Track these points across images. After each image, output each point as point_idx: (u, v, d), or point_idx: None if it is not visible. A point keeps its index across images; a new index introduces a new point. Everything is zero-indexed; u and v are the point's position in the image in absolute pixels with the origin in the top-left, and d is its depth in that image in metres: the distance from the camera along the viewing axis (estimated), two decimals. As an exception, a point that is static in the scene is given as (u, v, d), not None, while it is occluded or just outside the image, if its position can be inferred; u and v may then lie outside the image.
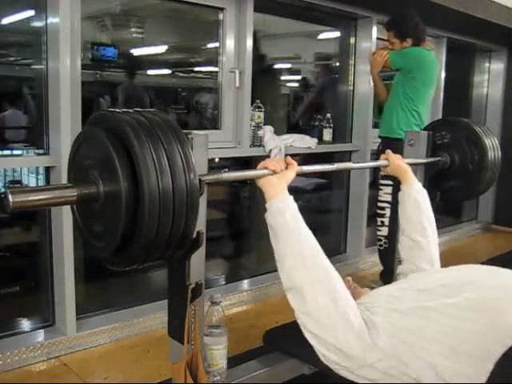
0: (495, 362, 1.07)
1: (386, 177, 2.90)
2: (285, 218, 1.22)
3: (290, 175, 1.36)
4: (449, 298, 1.16)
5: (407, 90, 2.96)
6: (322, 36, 4.01)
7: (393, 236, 2.91)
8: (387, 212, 2.96)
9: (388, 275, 3.05)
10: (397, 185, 2.85)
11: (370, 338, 1.11)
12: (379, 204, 3.01)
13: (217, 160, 2.99)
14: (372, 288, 1.48)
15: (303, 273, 1.15)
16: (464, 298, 1.14)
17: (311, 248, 1.19)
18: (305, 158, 3.28)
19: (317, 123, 3.56)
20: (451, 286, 1.21)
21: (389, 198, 2.94)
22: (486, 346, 1.09)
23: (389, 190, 2.93)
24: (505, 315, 1.11)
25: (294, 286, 1.16)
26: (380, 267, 3.21)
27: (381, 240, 3.01)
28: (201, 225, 1.24)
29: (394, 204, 2.85)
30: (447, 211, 4.78)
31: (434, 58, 3.08)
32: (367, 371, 1.13)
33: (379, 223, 3.00)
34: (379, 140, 3.18)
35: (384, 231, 2.98)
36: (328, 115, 3.39)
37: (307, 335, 1.15)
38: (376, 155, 3.07)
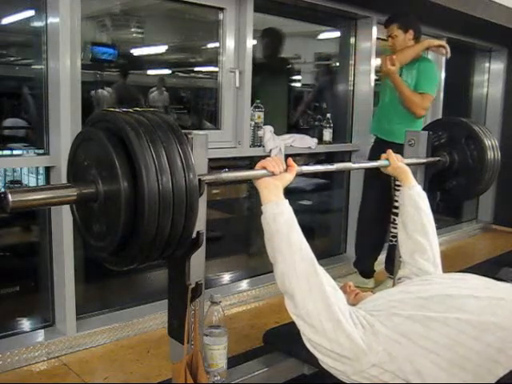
0: (496, 380, 1.07)
1: None
2: (278, 223, 1.21)
3: (288, 178, 1.35)
4: (454, 310, 1.15)
5: None
6: (322, 36, 4.01)
7: None
8: None
9: None
10: None
11: (366, 342, 1.11)
12: (397, 204, 3.06)
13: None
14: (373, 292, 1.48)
15: (294, 280, 1.16)
16: (469, 313, 1.14)
17: (303, 255, 1.19)
18: (305, 158, 3.29)
19: (317, 123, 3.56)
20: (456, 298, 1.21)
21: None
22: (485, 364, 1.10)
23: None
24: (507, 337, 1.11)
25: (287, 291, 1.17)
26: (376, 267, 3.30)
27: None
28: (201, 225, 1.24)
29: None
30: (447, 211, 4.78)
31: None
32: (360, 377, 1.13)
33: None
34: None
35: None
36: (328, 115, 3.39)
37: (303, 338, 1.16)
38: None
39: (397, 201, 3.01)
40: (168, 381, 1.58)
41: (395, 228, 3.05)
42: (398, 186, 2.97)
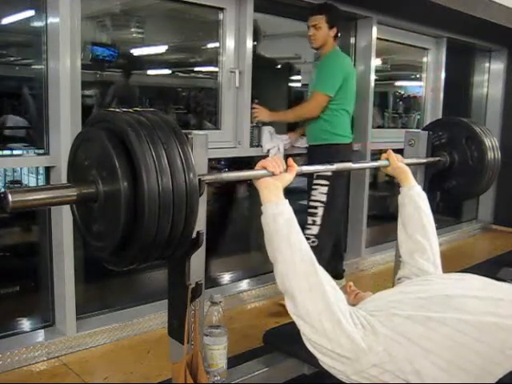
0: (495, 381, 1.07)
1: (320, 177, 2.84)
2: (278, 223, 1.21)
3: (288, 178, 1.35)
4: (453, 311, 1.15)
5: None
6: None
7: (324, 234, 2.84)
8: (319, 211, 2.86)
9: None
10: (332, 184, 2.80)
11: (366, 342, 1.11)
12: (312, 203, 2.89)
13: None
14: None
15: (294, 280, 1.16)
16: (469, 313, 1.14)
17: (303, 255, 1.19)
18: (305, 158, 3.28)
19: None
20: (455, 298, 1.21)
21: (324, 197, 2.85)
22: (485, 365, 1.10)
23: (324, 189, 2.86)
24: (506, 338, 1.11)
25: (287, 291, 1.17)
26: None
27: (309, 239, 2.80)
28: (200, 225, 1.24)
29: (329, 203, 2.82)
30: (447, 211, 4.78)
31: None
32: (360, 377, 1.13)
33: (310, 222, 2.87)
34: (379, 140, 3.17)
35: (314, 230, 2.85)
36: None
37: (303, 338, 1.16)
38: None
39: (312, 200, 2.97)
40: (168, 381, 1.58)
41: (308, 229, 2.85)
42: (316, 184, 2.91)
